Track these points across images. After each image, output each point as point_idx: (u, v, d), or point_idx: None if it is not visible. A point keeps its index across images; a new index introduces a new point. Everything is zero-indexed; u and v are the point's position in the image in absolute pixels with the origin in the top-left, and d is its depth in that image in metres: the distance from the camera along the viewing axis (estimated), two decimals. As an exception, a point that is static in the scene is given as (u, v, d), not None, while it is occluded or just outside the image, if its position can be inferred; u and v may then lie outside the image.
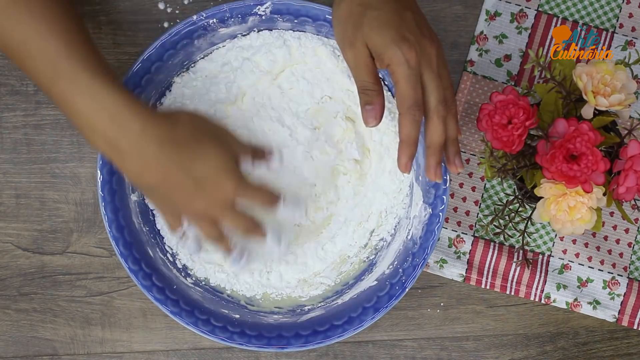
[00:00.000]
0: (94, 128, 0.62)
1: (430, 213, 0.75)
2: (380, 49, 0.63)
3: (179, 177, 0.63)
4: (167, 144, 0.62)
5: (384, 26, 0.63)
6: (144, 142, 0.62)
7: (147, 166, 0.62)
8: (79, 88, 0.61)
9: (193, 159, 0.63)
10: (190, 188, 0.63)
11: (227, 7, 0.74)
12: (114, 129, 0.61)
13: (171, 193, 0.64)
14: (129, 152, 0.62)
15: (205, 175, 0.63)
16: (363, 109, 0.66)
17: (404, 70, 0.63)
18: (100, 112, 0.61)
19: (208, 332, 0.74)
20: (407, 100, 0.63)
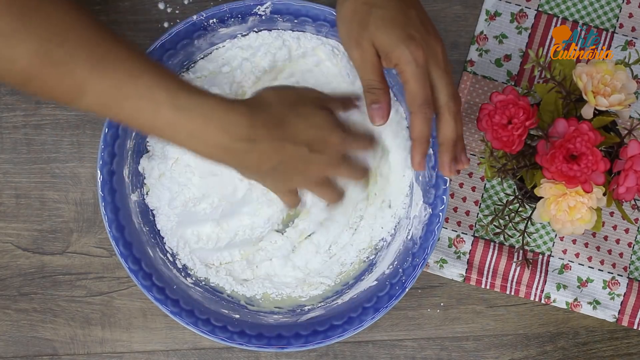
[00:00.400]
0: (207, 142, 0.63)
1: (430, 213, 0.75)
2: (388, 48, 0.63)
3: (293, 150, 0.65)
4: (273, 125, 0.64)
5: (390, 25, 0.63)
6: (255, 133, 0.63)
7: (264, 154, 0.64)
8: (181, 111, 0.61)
9: (297, 129, 0.65)
10: (305, 154, 0.65)
11: (227, 7, 0.74)
12: (226, 136, 0.62)
13: (290, 168, 0.66)
14: (245, 149, 0.63)
15: (313, 138, 0.65)
16: (369, 108, 0.67)
17: (413, 68, 0.63)
18: (209, 125, 0.62)
19: (208, 332, 0.74)
20: (418, 98, 0.64)
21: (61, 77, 0.58)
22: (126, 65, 0.60)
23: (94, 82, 0.59)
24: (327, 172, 0.68)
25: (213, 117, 0.62)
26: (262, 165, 0.65)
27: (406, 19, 0.64)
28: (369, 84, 0.66)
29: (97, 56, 0.59)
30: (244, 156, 0.64)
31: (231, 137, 0.62)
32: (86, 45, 0.58)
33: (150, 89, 0.60)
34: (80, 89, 0.59)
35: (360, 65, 0.66)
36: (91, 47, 0.59)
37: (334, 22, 0.75)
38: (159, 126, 0.62)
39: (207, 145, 0.63)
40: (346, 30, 0.66)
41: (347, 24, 0.66)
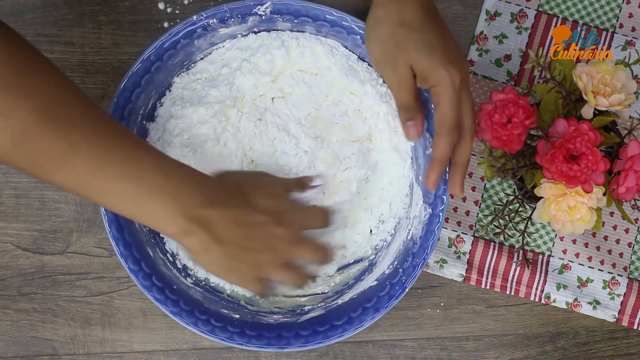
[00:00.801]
0: (185, 205, 0.61)
1: (430, 213, 0.75)
2: (428, 71, 0.66)
3: (257, 218, 0.64)
4: (233, 193, 0.64)
5: (431, 49, 0.66)
6: (223, 206, 0.63)
7: (229, 221, 0.63)
8: (169, 175, 0.61)
9: (258, 198, 0.65)
10: (270, 225, 0.64)
11: (227, 7, 0.74)
12: (199, 199, 0.62)
13: (257, 245, 0.64)
14: (213, 217, 0.62)
15: (275, 209, 0.65)
16: (405, 125, 0.71)
17: (450, 92, 0.66)
18: (190, 187, 0.62)
19: (208, 332, 0.74)
20: (448, 121, 0.66)
21: (58, 136, 0.56)
22: (116, 130, 0.60)
23: (85, 142, 0.57)
24: (293, 250, 0.66)
25: (193, 182, 0.62)
26: (229, 235, 0.63)
27: (444, 43, 0.67)
28: (405, 104, 0.69)
29: (87, 119, 0.58)
30: (214, 227, 0.62)
31: (207, 203, 0.62)
32: (81, 108, 0.58)
33: (137, 152, 0.60)
34: (70, 153, 0.57)
35: (396, 85, 0.69)
36: (82, 109, 0.58)
37: (334, 22, 0.75)
38: (142, 194, 0.60)
39: (186, 213, 0.61)
40: (381, 51, 0.68)
41: (382, 45, 0.68)
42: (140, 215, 0.61)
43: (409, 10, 0.66)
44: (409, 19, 0.66)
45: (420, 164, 0.77)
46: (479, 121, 0.68)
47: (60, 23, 0.80)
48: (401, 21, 0.66)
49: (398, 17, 0.66)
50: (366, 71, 0.77)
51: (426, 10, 0.67)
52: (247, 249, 0.64)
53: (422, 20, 0.67)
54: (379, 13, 0.68)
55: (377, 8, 0.68)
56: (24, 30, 0.80)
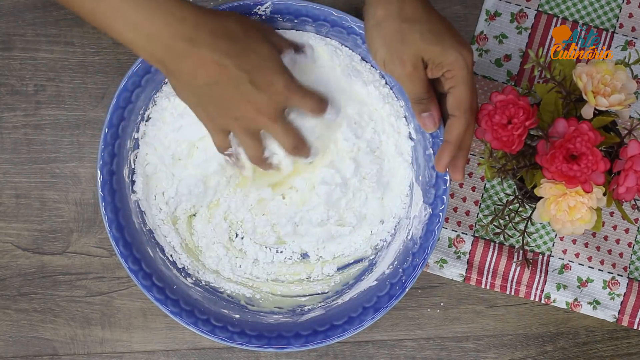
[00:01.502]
0: (149, 34, 0.60)
1: (430, 213, 0.75)
2: (441, 57, 0.66)
3: (233, 70, 0.63)
4: (221, 37, 0.62)
5: (440, 36, 0.66)
6: (198, 36, 0.61)
7: (202, 62, 0.62)
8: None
9: (246, 52, 0.63)
10: (245, 84, 0.63)
11: (227, 7, 0.74)
12: (169, 30, 0.60)
13: (225, 97, 0.64)
14: (184, 49, 0.61)
15: (257, 69, 0.63)
16: (420, 117, 0.71)
17: (465, 74, 0.66)
18: (154, 16, 0.60)
19: (208, 332, 0.74)
20: (465, 103, 0.67)
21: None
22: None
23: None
24: (260, 121, 0.65)
25: (161, 8, 0.60)
26: (197, 76, 0.62)
27: (449, 28, 0.67)
28: (418, 96, 0.69)
29: None
30: (181, 60, 0.62)
31: (173, 33, 0.61)
32: None
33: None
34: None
35: (407, 80, 0.68)
36: None
37: (334, 22, 0.75)
38: (102, 9, 0.60)
39: (148, 37, 0.61)
40: (387, 50, 0.68)
41: (387, 44, 0.68)
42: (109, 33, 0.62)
43: (409, 5, 0.67)
44: (412, 13, 0.66)
45: (420, 164, 0.77)
46: (479, 121, 0.68)
47: (60, 23, 0.80)
48: (404, 17, 0.66)
49: (400, 14, 0.66)
50: (369, 72, 0.77)
51: (424, 2, 0.68)
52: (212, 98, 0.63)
53: (424, 12, 0.67)
54: (378, 12, 0.68)
55: (376, 8, 0.68)
56: (23, 30, 0.80)
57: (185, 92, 0.66)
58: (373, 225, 0.79)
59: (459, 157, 0.70)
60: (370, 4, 0.68)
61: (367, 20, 0.69)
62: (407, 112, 0.77)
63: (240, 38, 0.64)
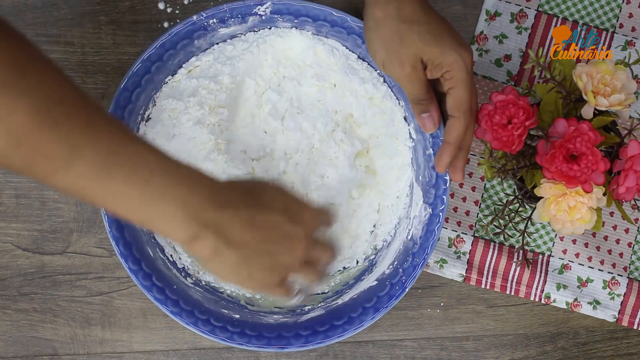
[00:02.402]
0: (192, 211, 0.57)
1: (430, 213, 0.75)
2: (440, 57, 0.66)
3: (271, 217, 0.59)
4: (246, 197, 0.59)
5: (439, 36, 0.66)
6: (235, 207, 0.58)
7: (245, 224, 0.58)
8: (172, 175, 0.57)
9: (270, 197, 0.60)
10: (285, 223, 0.60)
11: (227, 7, 0.74)
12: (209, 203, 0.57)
13: (273, 246, 0.60)
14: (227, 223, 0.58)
15: (289, 205, 0.61)
16: (419, 118, 0.71)
17: (464, 75, 0.67)
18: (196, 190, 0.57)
19: (208, 332, 0.74)
20: (464, 104, 0.67)
21: (57, 138, 0.52)
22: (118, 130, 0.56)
23: (88, 148, 0.53)
24: (311, 248, 0.62)
25: (202, 184, 0.57)
26: (245, 237, 0.58)
27: (449, 29, 0.68)
28: (417, 97, 0.70)
29: (91, 120, 0.54)
30: (227, 231, 0.58)
31: (217, 206, 0.57)
32: (81, 107, 0.54)
33: (143, 154, 0.56)
34: (72, 155, 0.53)
35: (406, 81, 0.69)
36: (86, 110, 0.54)
37: (334, 22, 0.75)
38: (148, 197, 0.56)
39: (196, 218, 0.57)
40: (386, 51, 0.68)
41: (386, 45, 0.68)
42: (147, 220, 0.57)
43: (407, 6, 0.67)
44: (410, 14, 0.67)
45: (420, 164, 0.77)
46: (479, 122, 0.68)
47: (60, 23, 0.80)
48: (403, 18, 0.67)
49: (398, 15, 0.67)
50: (366, 70, 0.77)
51: (423, 3, 0.68)
52: (264, 252, 0.59)
53: (423, 13, 0.67)
54: (377, 14, 0.68)
55: (374, 9, 0.68)
56: (24, 31, 0.80)
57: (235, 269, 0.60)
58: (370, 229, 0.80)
59: (459, 158, 0.70)
60: (369, 5, 0.68)
61: (366, 21, 0.69)
62: (407, 112, 0.77)
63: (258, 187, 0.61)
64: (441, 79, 0.68)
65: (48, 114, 0.52)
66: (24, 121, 0.51)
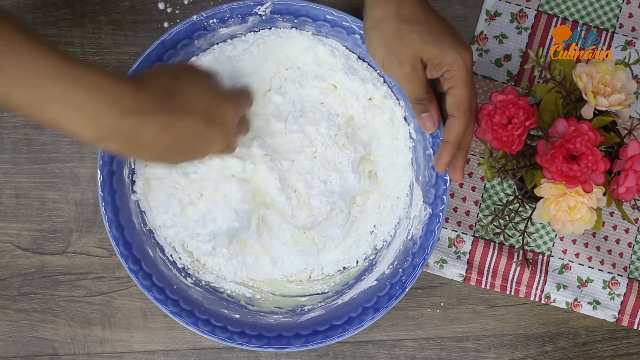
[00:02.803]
0: (96, 120, 0.57)
1: (430, 213, 0.75)
2: (440, 57, 0.66)
3: (189, 122, 0.62)
4: (162, 97, 0.60)
5: (439, 36, 0.66)
6: (143, 108, 0.59)
7: (156, 130, 0.60)
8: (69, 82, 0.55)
9: (189, 98, 0.62)
10: (203, 129, 0.63)
11: (227, 7, 0.74)
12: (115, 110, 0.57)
13: (188, 147, 0.63)
14: (135, 126, 0.58)
15: (207, 107, 0.63)
16: (419, 118, 0.71)
17: (464, 74, 0.67)
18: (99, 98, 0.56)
19: (208, 332, 0.74)
20: (464, 103, 0.67)
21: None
22: (5, 34, 0.53)
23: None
24: (227, 144, 0.67)
25: (102, 88, 0.56)
26: (158, 143, 0.60)
27: (449, 29, 0.68)
28: (417, 97, 0.70)
29: None
30: (136, 136, 0.59)
31: (120, 112, 0.57)
32: None
33: (34, 58, 0.53)
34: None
35: (406, 80, 0.69)
36: None
37: (334, 22, 0.75)
38: (42, 102, 0.55)
39: (97, 124, 0.57)
40: (385, 50, 0.68)
41: (386, 44, 0.68)
42: (51, 123, 0.57)
43: (407, 5, 0.67)
44: (410, 13, 0.67)
45: (420, 164, 0.77)
46: (479, 122, 0.68)
47: (60, 23, 0.80)
48: (402, 17, 0.67)
49: (398, 14, 0.67)
50: (366, 70, 0.77)
51: (423, 3, 0.68)
52: (178, 152, 0.63)
53: (423, 12, 0.67)
54: (377, 13, 0.68)
55: (374, 9, 0.68)
56: (24, 30, 0.80)
57: (149, 158, 0.64)
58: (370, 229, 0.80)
59: (459, 157, 0.70)
60: (368, 5, 0.68)
61: (366, 21, 0.69)
62: (407, 112, 0.77)
63: (178, 86, 0.62)
64: (441, 78, 0.68)
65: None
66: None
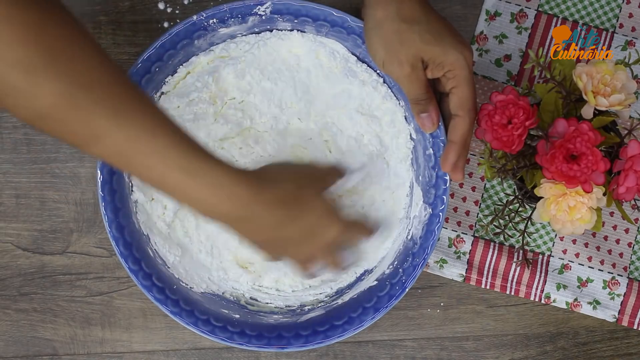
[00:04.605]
0: (212, 210, 0.61)
1: (430, 213, 0.75)
2: (442, 57, 0.66)
3: (288, 232, 0.64)
4: (275, 205, 0.63)
5: (440, 36, 0.67)
6: (255, 209, 0.61)
7: (260, 227, 0.63)
8: (191, 177, 0.59)
9: (299, 215, 0.64)
10: (298, 239, 0.65)
11: (227, 7, 0.74)
12: (230, 207, 0.61)
13: (282, 245, 0.66)
14: (243, 219, 0.62)
15: (311, 226, 0.65)
16: (418, 118, 0.72)
17: (467, 73, 0.67)
18: (217, 195, 0.60)
19: (208, 332, 0.74)
20: (468, 102, 0.68)
21: (80, 123, 0.55)
22: (144, 119, 0.57)
23: (111, 133, 0.55)
24: (314, 256, 0.67)
25: (222, 187, 0.60)
26: (258, 236, 0.64)
27: (449, 28, 0.68)
28: (416, 97, 0.70)
29: (118, 106, 0.56)
30: (242, 224, 0.63)
31: (234, 208, 0.61)
32: (109, 93, 0.55)
33: (165, 149, 0.58)
34: (96, 137, 0.55)
35: (406, 81, 0.69)
36: (113, 96, 0.56)
37: (334, 22, 0.75)
38: (167, 186, 0.59)
39: (212, 211, 0.61)
40: (386, 51, 0.68)
41: (386, 45, 0.68)
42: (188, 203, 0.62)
43: (407, 6, 0.67)
44: (410, 14, 0.67)
45: (420, 164, 0.77)
46: (479, 121, 0.68)
47: (60, 23, 0.80)
48: (403, 17, 0.67)
49: (398, 14, 0.67)
50: (365, 72, 0.77)
51: (423, 3, 0.68)
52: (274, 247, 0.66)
53: (423, 12, 0.67)
54: (377, 14, 0.68)
55: (374, 9, 0.68)
56: (24, 30, 0.80)
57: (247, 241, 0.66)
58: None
59: (460, 157, 0.70)
60: (368, 6, 0.68)
61: (366, 21, 0.69)
62: (407, 112, 0.77)
63: (291, 201, 0.64)
64: (442, 78, 0.68)
65: (71, 99, 0.53)
66: (47, 104, 0.53)
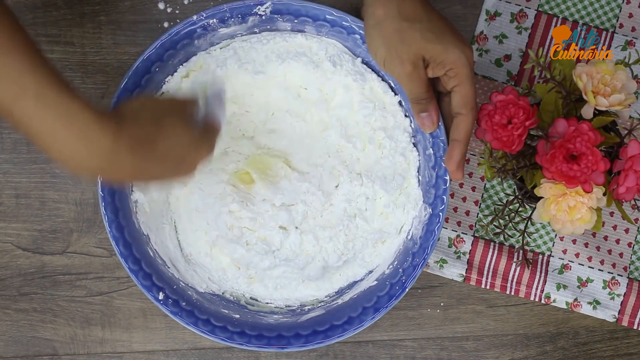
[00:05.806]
0: (64, 151, 0.58)
1: (430, 213, 0.75)
2: (443, 55, 0.66)
3: (158, 168, 0.63)
4: (138, 147, 0.61)
5: (441, 35, 0.67)
6: (117, 154, 0.59)
7: (129, 171, 0.61)
8: (45, 107, 0.56)
9: (163, 150, 0.63)
10: (171, 171, 0.65)
11: (227, 7, 0.74)
12: (84, 152, 0.58)
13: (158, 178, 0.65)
14: (106, 167, 0.60)
15: (179, 156, 0.64)
16: (418, 117, 0.71)
17: (468, 71, 0.67)
18: (70, 131, 0.57)
19: (208, 332, 0.74)
20: (471, 100, 0.68)
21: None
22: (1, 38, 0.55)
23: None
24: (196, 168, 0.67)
25: (75, 122, 0.57)
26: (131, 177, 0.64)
27: (450, 27, 0.68)
28: (417, 96, 0.70)
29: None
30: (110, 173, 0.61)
31: (90, 153, 0.58)
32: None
33: (19, 71, 0.55)
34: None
35: (406, 80, 0.69)
36: None
37: (334, 22, 0.75)
38: (17, 114, 0.56)
39: (73, 158, 0.58)
40: (386, 49, 0.68)
41: (387, 43, 0.68)
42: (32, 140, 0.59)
43: (408, 4, 0.67)
44: (411, 13, 0.67)
45: (420, 164, 0.77)
46: (479, 121, 0.68)
47: (60, 23, 0.80)
48: (404, 16, 0.67)
49: (399, 13, 0.67)
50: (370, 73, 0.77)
51: (424, 2, 0.68)
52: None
53: (424, 11, 0.67)
54: (378, 12, 0.68)
55: (375, 8, 0.68)
56: (24, 30, 0.80)
57: None
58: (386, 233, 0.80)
59: (464, 153, 0.70)
60: (369, 4, 0.68)
61: (366, 20, 0.69)
62: (407, 112, 0.77)
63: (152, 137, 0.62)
64: (444, 77, 0.68)
65: None
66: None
